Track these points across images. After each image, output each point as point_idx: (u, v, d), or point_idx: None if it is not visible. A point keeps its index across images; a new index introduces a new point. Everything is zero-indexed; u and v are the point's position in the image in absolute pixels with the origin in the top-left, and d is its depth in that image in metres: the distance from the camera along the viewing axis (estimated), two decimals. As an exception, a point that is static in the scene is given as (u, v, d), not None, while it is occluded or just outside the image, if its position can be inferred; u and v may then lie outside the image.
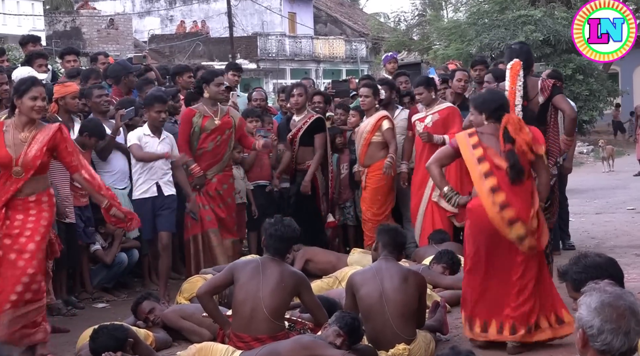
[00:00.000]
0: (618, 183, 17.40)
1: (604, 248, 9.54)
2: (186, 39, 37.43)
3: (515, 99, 6.64)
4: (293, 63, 39.83)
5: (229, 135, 8.30)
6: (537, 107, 6.81)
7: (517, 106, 6.63)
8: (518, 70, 6.71)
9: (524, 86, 6.72)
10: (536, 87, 6.82)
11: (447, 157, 6.36)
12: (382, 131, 8.95)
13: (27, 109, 5.83)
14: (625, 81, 32.14)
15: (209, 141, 8.21)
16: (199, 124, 8.17)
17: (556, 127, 6.99)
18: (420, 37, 32.87)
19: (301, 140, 9.17)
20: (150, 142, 7.88)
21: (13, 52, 18.73)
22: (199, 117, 8.19)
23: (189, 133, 8.20)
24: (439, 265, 7.63)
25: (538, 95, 6.80)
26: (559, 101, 6.85)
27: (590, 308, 2.89)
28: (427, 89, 8.86)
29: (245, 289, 5.60)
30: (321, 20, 45.70)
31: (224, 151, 8.31)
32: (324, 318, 5.67)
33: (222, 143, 8.28)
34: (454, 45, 24.30)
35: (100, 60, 10.53)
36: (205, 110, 8.23)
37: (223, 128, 8.25)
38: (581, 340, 2.92)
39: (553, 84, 6.89)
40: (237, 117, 8.47)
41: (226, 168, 8.41)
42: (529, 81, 6.80)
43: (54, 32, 33.77)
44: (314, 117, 9.17)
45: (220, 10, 37.96)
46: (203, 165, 8.20)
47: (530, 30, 21.90)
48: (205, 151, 8.22)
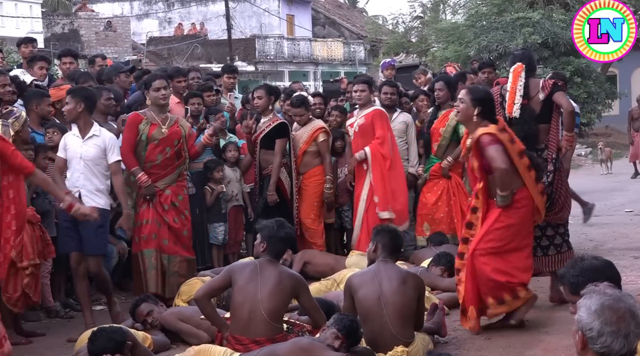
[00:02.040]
0: (616, 185, 17.41)
1: (602, 250, 9.54)
2: (184, 41, 37.43)
3: (515, 98, 6.91)
4: (291, 65, 39.84)
5: (179, 146, 7.76)
6: (538, 105, 7.02)
7: (516, 104, 6.92)
8: (520, 72, 7.02)
9: (526, 86, 6.98)
10: (537, 86, 7.07)
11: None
12: (318, 142, 9.02)
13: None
14: (623, 83, 32.14)
15: (157, 153, 7.65)
16: (146, 132, 7.61)
17: (557, 125, 7.13)
18: (418, 39, 32.86)
19: (262, 143, 8.91)
20: (72, 144, 6.99)
21: (12, 55, 18.70)
22: (146, 124, 7.63)
23: (134, 140, 7.59)
24: (437, 267, 7.63)
25: (539, 93, 7.01)
26: (558, 97, 7.01)
27: (590, 310, 2.89)
28: (369, 88, 8.92)
29: (243, 291, 5.60)
30: (319, 23, 45.70)
31: (174, 163, 7.76)
32: (322, 320, 5.67)
33: (172, 156, 7.73)
34: (452, 47, 24.27)
35: (97, 62, 10.55)
36: (152, 117, 7.68)
37: (172, 138, 7.70)
38: (580, 342, 2.91)
39: (554, 82, 7.09)
40: (186, 127, 7.92)
41: (179, 179, 7.85)
42: (530, 81, 7.07)
43: (52, 34, 33.74)
44: (278, 122, 8.95)
45: (219, 13, 37.99)
46: (152, 178, 7.61)
47: (528, 32, 21.90)
48: (154, 164, 7.64)
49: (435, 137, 9.05)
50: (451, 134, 8.96)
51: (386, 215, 8.71)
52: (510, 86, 7.03)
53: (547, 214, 6.96)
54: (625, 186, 16.98)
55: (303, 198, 9.05)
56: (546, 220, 7.03)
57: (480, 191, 6.43)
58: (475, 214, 6.48)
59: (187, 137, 7.84)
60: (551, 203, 7.06)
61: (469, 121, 6.34)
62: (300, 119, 9.07)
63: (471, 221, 6.51)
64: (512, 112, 6.97)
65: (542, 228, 7.13)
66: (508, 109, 6.99)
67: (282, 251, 5.85)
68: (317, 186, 9.05)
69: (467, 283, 6.36)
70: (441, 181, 9.01)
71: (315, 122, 9.17)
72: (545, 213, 6.82)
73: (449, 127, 8.95)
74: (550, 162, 7.06)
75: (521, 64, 7.06)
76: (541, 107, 7.02)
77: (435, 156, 9.10)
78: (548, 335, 6.37)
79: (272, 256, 5.73)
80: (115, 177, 7.04)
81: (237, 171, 9.37)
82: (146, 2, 41.92)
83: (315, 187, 9.05)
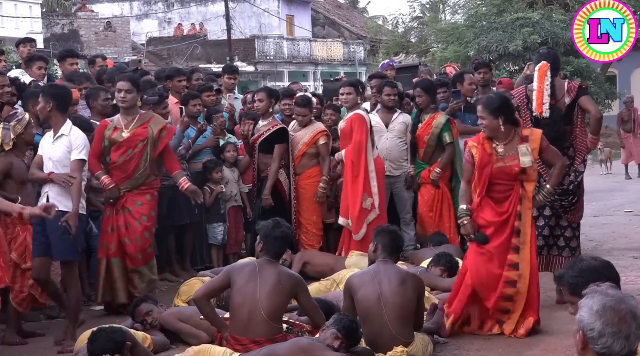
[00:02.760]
0: (615, 185, 17.41)
1: (602, 250, 9.54)
2: (184, 41, 37.43)
3: (543, 98, 7.13)
4: (291, 65, 39.85)
5: (142, 148, 7.45)
6: (564, 107, 7.25)
7: (545, 103, 7.13)
8: (545, 71, 7.20)
9: (552, 86, 7.17)
10: (563, 88, 7.26)
11: None
12: (318, 145, 8.98)
13: None
14: (623, 83, 32.16)
15: (118, 155, 7.47)
16: (108, 136, 7.48)
17: (583, 126, 7.40)
18: (418, 40, 32.86)
19: (261, 147, 8.88)
20: (44, 144, 6.80)
21: (11, 55, 18.70)
22: (110, 129, 7.52)
23: (100, 147, 7.47)
24: (437, 268, 7.62)
25: (565, 96, 7.24)
26: (585, 102, 7.29)
27: (592, 310, 2.89)
28: (356, 91, 8.88)
29: (243, 292, 5.60)
30: (319, 23, 45.70)
31: (134, 165, 7.46)
32: (321, 320, 5.67)
33: (134, 157, 7.45)
34: (451, 47, 24.28)
35: (98, 63, 10.54)
36: (119, 121, 7.55)
37: (134, 141, 7.45)
38: (581, 342, 2.91)
39: (579, 86, 7.34)
40: (157, 128, 7.52)
41: (142, 186, 7.50)
42: (556, 82, 7.26)
43: (51, 34, 33.73)
44: (278, 126, 8.92)
45: (218, 13, 37.99)
46: (114, 180, 7.44)
47: (528, 32, 21.91)
48: (115, 165, 7.47)
49: (421, 144, 9.14)
50: (436, 141, 9.01)
51: (341, 221, 8.76)
52: (537, 86, 7.18)
53: (570, 213, 7.39)
54: (625, 187, 16.99)
55: (303, 200, 9.03)
56: (568, 219, 7.38)
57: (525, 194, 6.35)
58: (519, 237, 6.33)
59: (156, 138, 7.49)
60: (576, 201, 7.38)
61: (499, 132, 6.30)
62: (302, 119, 9.03)
63: (518, 245, 6.33)
64: (542, 112, 7.17)
65: (562, 228, 7.39)
66: (537, 109, 7.18)
67: (280, 251, 5.83)
68: (315, 187, 9.04)
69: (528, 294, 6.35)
70: (428, 188, 9.12)
71: (316, 124, 9.15)
72: (569, 211, 7.37)
73: (432, 135, 9.04)
74: (581, 164, 7.37)
75: (546, 63, 7.23)
76: (565, 109, 7.26)
77: (422, 161, 9.17)
78: (548, 335, 6.37)
79: (271, 255, 5.73)
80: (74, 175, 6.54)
81: (235, 171, 9.37)
82: (146, 3, 41.92)
83: (314, 188, 9.03)
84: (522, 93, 7.41)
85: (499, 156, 6.29)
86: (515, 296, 6.28)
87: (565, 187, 7.28)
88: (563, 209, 7.40)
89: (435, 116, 9.07)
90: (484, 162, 6.31)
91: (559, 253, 7.40)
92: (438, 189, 9.09)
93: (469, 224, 6.29)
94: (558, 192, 7.18)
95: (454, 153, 9.12)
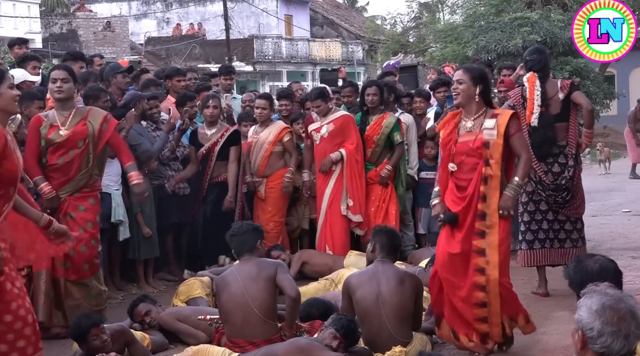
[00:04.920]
0: (614, 185, 17.41)
1: (600, 250, 9.52)
2: (182, 41, 37.41)
3: (533, 108, 7.35)
4: (289, 65, 39.84)
5: (84, 148, 6.74)
6: (558, 104, 7.45)
7: (535, 113, 7.37)
8: (534, 81, 7.43)
9: (543, 91, 7.40)
10: (556, 86, 7.48)
11: None
12: (283, 142, 9.01)
13: None
14: (621, 83, 32.15)
15: (57, 157, 6.73)
16: (45, 135, 6.70)
17: (575, 122, 7.56)
18: (416, 40, 32.85)
19: (219, 154, 8.86)
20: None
21: (9, 55, 18.67)
22: (46, 127, 6.73)
23: (36, 145, 6.71)
24: (434, 268, 7.61)
25: (558, 92, 7.43)
26: (577, 96, 7.47)
27: (591, 310, 2.89)
28: (324, 101, 8.96)
29: (231, 297, 5.63)
30: (317, 23, 45.70)
31: (76, 167, 6.75)
32: (293, 291, 5.61)
33: (75, 159, 6.74)
34: (450, 47, 24.25)
35: (96, 62, 10.51)
36: (54, 117, 6.78)
37: (74, 140, 6.73)
38: (580, 341, 2.91)
39: (571, 82, 7.54)
40: (97, 122, 6.79)
41: (84, 189, 6.81)
42: (547, 82, 7.49)
43: (50, 34, 33.70)
44: (231, 130, 9.00)
45: (217, 13, 37.98)
46: (53, 183, 6.71)
47: (526, 32, 21.88)
48: (54, 167, 6.73)
49: (369, 144, 9.08)
50: (385, 141, 9.02)
51: (358, 218, 8.85)
52: (529, 96, 7.42)
53: (567, 209, 7.49)
54: (624, 186, 16.99)
55: (269, 201, 8.98)
56: (565, 214, 7.52)
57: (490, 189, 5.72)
58: (485, 221, 5.71)
59: (98, 134, 6.78)
60: (571, 197, 7.49)
61: (471, 101, 5.81)
62: (262, 113, 9.03)
63: (483, 229, 5.71)
64: (530, 122, 7.41)
65: (560, 222, 7.52)
66: (527, 119, 7.41)
67: (248, 245, 5.84)
68: (281, 190, 9.02)
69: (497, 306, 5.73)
70: (375, 187, 9.06)
71: (277, 123, 9.17)
72: (565, 207, 7.46)
73: (382, 135, 9.01)
74: (571, 158, 7.48)
75: (533, 73, 7.46)
76: (560, 106, 7.43)
77: (369, 162, 9.12)
78: (546, 335, 6.36)
79: (244, 253, 5.81)
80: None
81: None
82: (144, 2, 41.90)
83: (280, 191, 9.01)
84: (518, 94, 7.63)
85: (466, 130, 5.82)
86: (487, 285, 5.64)
87: (558, 182, 7.44)
88: (557, 205, 7.51)
89: (385, 116, 9.07)
90: (447, 138, 5.92)
91: (560, 246, 7.54)
92: (386, 187, 9.04)
93: (438, 204, 5.94)
94: (552, 187, 7.44)
95: (403, 152, 9.13)
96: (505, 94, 9.57)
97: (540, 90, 7.40)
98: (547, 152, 7.47)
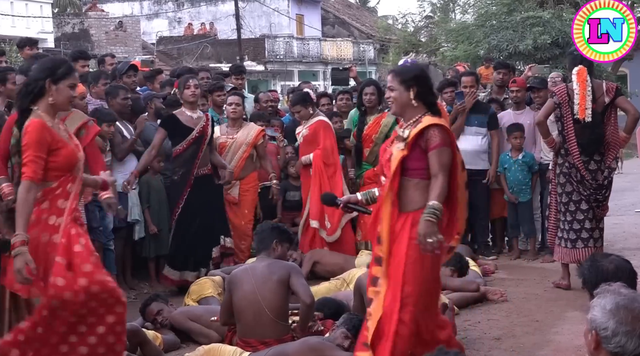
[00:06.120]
0: (627, 185, 17.33)
1: (613, 250, 9.47)
2: (194, 41, 37.47)
3: (586, 103, 7.43)
4: (301, 65, 39.84)
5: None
6: (601, 107, 7.57)
7: (588, 109, 7.45)
8: (585, 76, 7.49)
9: (591, 88, 7.52)
10: (601, 88, 7.59)
11: None
12: (257, 145, 8.85)
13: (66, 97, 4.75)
14: (634, 82, 32.03)
15: None
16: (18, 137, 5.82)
17: (616, 124, 7.71)
18: (428, 39, 32.82)
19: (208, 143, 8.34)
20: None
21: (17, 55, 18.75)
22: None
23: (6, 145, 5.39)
24: (447, 268, 7.60)
25: (604, 95, 7.55)
26: (622, 102, 7.68)
27: (605, 309, 2.89)
28: (304, 106, 9.02)
29: (243, 295, 5.63)
30: (329, 22, 45.69)
31: None
32: (308, 298, 5.59)
33: None
34: (461, 47, 24.22)
35: (107, 61, 10.54)
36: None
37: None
38: (594, 341, 2.91)
39: (616, 87, 7.66)
40: (74, 126, 6.28)
41: None
42: (594, 82, 7.58)
43: (62, 34, 33.84)
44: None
45: (228, 12, 38.01)
46: None
47: (538, 32, 21.83)
48: None
49: (367, 144, 9.09)
50: (383, 140, 8.99)
51: (314, 224, 8.82)
52: (580, 91, 7.45)
53: (601, 209, 7.79)
54: (636, 186, 16.92)
55: (243, 202, 8.82)
56: (597, 214, 7.80)
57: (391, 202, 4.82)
58: (382, 246, 4.86)
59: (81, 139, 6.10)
60: (607, 196, 7.78)
61: (407, 108, 4.90)
62: (235, 109, 8.76)
63: (379, 256, 4.87)
64: (585, 117, 7.49)
65: (598, 221, 7.83)
66: (580, 114, 7.49)
67: (266, 244, 5.87)
68: (255, 193, 8.97)
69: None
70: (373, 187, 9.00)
71: (251, 124, 9.04)
72: (601, 205, 7.73)
73: (381, 134, 8.99)
74: (613, 161, 7.70)
75: (583, 67, 7.53)
76: (603, 108, 7.57)
77: (366, 162, 9.13)
78: (558, 335, 6.35)
79: (261, 252, 5.88)
80: None
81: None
82: (156, 2, 41.98)
83: (254, 193, 8.95)
84: (563, 90, 7.70)
85: (399, 140, 4.90)
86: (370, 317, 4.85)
87: (600, 182, 7.68)
88: (597, 203, 7.74)
89: (383, 115, 9.06)
90: (384, 147, 5.20)
91: (593, 245, 7.80)
92: None
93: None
94: (594, 186, 7.64)
95: None
96: (517, 93, 9.58)
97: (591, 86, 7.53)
98: (595, 150, 7.63)
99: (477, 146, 9.41)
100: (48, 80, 4.69)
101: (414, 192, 4.80)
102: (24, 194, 4.49)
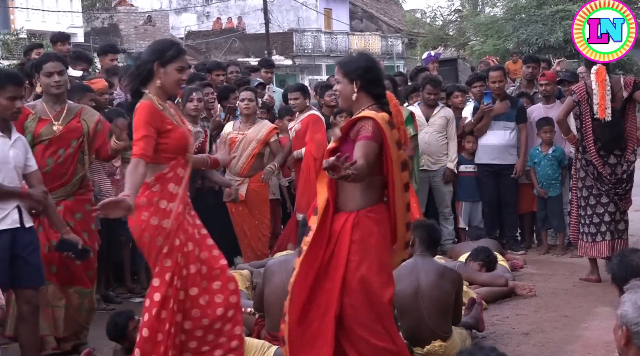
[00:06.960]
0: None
1: (637, 244, 9.41)
2: (222, 35, 37.60)
3: (606, 102, 7.53)
4: (329, 59, 39.80)
5: (77, 148, 5.96)
6: (620, 102, 7.64)
7: (608, 108, 7.55)
8: (604, 75, 7.60)
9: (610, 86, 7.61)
10: (619, 83, 7.66)
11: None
12: (270, 142, 8.55)
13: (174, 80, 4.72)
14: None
15: (47, 157, 5.83)
16: (32, 130, 5.81)
17: (634, 118, 7.76)
18: (456, 33, 32.70)
19: None
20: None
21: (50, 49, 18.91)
22: (34, 120, 5.85)
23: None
24: (475, 262, 7.60)
25: (622, 90, 7.62)
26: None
27: (636, 305, 2.86)
28: (302, 95, 9.00)
29: (273, 289, 5.63)
30: (357, 16, 45.64)
31: (71, 170, 5.96)
32: None
33: (67, 160, 5.92)
34: (490, 41, 24.13)
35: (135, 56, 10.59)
36: (44, 110, 5.91)
37: (67, 138, 5.92)
38: (624, 337, 2.88)
39: (634, 81, 7.71)
40: (92, 121, 6.05)
41: (80, 191, 6.04)
42: (611, 79, 7.66)
43: (92, 28, 34.09)
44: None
45: (256, 7, 38.07)
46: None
47: (568, 25, 21.66)
48: (43, 171, 5.61)
49: None
50: None
51: (301, 217, 8.67)
52: (599, 91, 7.56)
53: (624, 202, 7.81)
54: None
55: (252, 204, 8.49)
56: (621, 208, 7.83)
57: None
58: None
59: (93, 134, 6.05)
60: (629, 189, 7.82)
61: (351, 101, 4.67)
62: (248, 105, 8.47)
63: None
64: (605, 116, 7.58)
65: (622, 213, 7.87)
66: (600, 114, 7.58)
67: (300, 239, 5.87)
68: (266, 192, 8.68)
69: None
70: None
71: (265, 121, 8.75)
72: (624, 198, 7.76)
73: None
74: (632, 154, 7.75)
75: (602, 66, 7.63)
76: (622, 103, 7.63)
77: None
78: (587, 331, 6.31)
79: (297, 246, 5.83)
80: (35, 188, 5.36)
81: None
82: (184, -3, 42.18)
83: (263, 193, 8.63)
84: (582, 88, 7.77)
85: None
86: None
87: (619, 176, 7.72)
88: (618, 197, 7.77)
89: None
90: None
91: (619, 236, 7.82)
92: None
93: None
94: (613, 181, 7.68)
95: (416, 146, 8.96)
96: (546, 87, 9.52)
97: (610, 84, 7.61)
98: (616, 146, 7.68)
99: (505, 140, 9.37)
100: (156, 63, 4.64)
101: (353, 189, 4.57)
102: (132, 168, 4.45)
